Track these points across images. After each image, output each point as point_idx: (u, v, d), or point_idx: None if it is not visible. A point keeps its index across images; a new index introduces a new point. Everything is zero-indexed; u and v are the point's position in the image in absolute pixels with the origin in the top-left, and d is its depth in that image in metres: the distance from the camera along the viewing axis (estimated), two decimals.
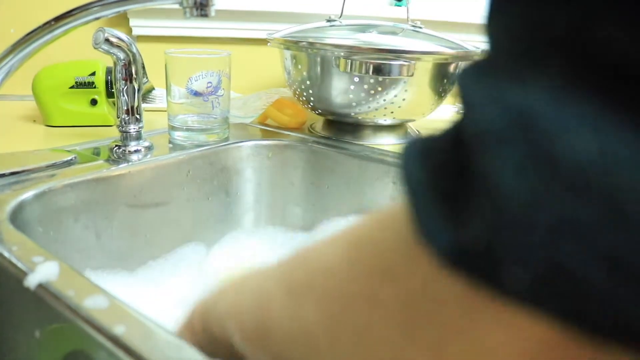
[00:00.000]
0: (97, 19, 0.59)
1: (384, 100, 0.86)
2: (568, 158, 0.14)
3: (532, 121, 0.15)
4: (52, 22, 0.58)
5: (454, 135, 0.18)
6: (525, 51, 0.16)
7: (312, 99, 0.91)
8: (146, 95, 1.07)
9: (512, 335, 0.17)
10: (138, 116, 0.74)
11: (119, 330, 0.35)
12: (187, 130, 0.83)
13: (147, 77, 1.00)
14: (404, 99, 0.87)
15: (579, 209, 0.14)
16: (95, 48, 0.68)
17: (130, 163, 0.73)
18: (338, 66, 0.83)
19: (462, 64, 0.94)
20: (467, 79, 0.18)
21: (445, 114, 1.19)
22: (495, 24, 0.19)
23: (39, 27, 0.59)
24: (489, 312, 0.17)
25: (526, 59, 0.16)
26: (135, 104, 0.73)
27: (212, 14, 0.55)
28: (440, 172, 0.18)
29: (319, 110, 0.93)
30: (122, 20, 1.15)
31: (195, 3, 0.54)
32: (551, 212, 0.14)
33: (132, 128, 0.74)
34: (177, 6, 0.56)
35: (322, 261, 0.26)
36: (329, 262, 0.26)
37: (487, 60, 0.19)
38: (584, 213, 0.14)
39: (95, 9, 0.59)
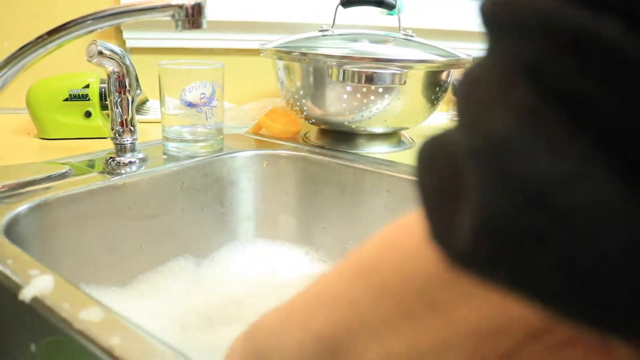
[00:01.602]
0: (90, 32, 0.60)
1: (377, 108, 0.86)
2: (529, 178, 0.17)
3: (503, 144, 0.18)
4: (46, 36, 0.59)
5: (450, 148, 0.21)
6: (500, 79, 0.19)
7: (305, 108, 0.91)
8: (140, 107, 1.07)
9: (488, 310, 0.21)
10: (132, 128, 0.74)
11: (114, 342, 0.35)
12: (181, 141, 0.83)
13: (140, 89, 1.00)
14: (396, 107, 0.87)
15: (538, 220, 0.17)
16: (89, 61, 0.68)
17: (124, 175, 0.73)
18: (331, 76, 0.84)
19: (454, 72, 0.95)
20: (460, 97, 0.21)
21: (438, 121, 1.20)
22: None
23: (33, 41, 0.59)
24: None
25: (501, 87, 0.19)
26: (129, 116, 0.73)
27: (204, 26, 0.55)
28: (443, 182, 0.21)
29: (313, 120, 0.93)
30: (116, 33, 1.15)
31: (187, 15, 0.55)
32: (516, 221, 0.17)
33: (127, 140, 0.74)
34: (169, 19, 0.56)
35: (342, 298, 0.27)
36: (349, 297, 0.26)
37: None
38: (541, 224, 0.17)
39: (88, 22, 0.59)
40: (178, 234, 0.79)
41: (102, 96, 0.92)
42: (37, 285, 0.42)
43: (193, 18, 0.55)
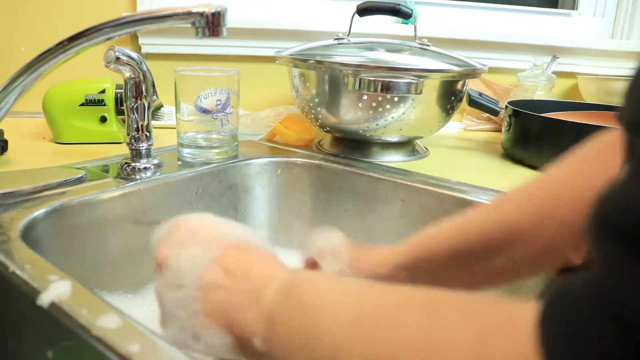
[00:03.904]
0: (109, 39, 0.60)
1: (392, 117, 0.86)
2: None
3: None
4: (66, 43, 0.59)
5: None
6: None
7: (320, 116, 0.91)
8: (155, 112, 1.07)
9: None
10: (148, 134, 0.75)
11: (133, 349, 0.35)
12: (196, 147, 0.84)
13: (156, 95, 1.01)
14: (412, 116, 0.87)
15: None
16: (106, 67, 0.69)
17: (139, 180, 0.73)
18: (346, 84, 0.83)
19: (469, 81, 0.95)
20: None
21: (452, 130, 1.20)
22: None
23: (52, 47, 0.60)
24: None
25: None
26: (145, 122, 0.74)
27: (224, 34, 0.55)
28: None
29: (327, 128, 0.93)
30: (132, 39, 1.16)
31: (207, 23, 0.55)
32: None
33: (142, 146, 0.75)
34: (189, 26, 0.56)
35: None
36: None
37: None
38: None
39: (107, 29, 0.59)
40: None
41: (118, 101, 0.92)
42: (55, 290, 0.42)
43: (213, 26, 0.55)
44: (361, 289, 0.34)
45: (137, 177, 0.74)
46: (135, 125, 0.73)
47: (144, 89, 0.72)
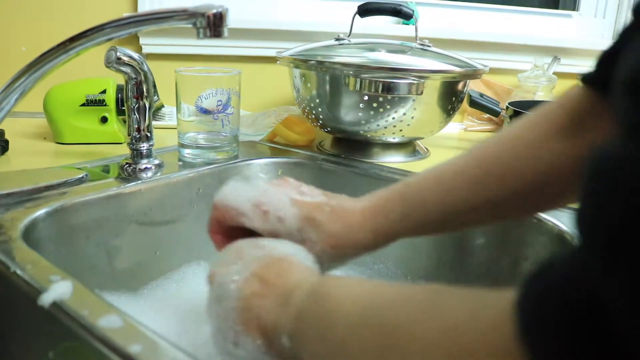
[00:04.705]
0: (110, 39, 0.60)
1: (393, 118, 0.86)
2: None
3: None
4: (67, 43, 0.59)
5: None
6: None
7: (321, 116, 0.91)
8: (155, 113, 1.07)
9: None
10: (149, 134, 0.75)
11: (134, 349, 0.35)
12: (197, 147, 0.84)
13: (157, 95, 1.01)
14: (412, 117, 0.87)
15: None
16: (107, 67, 0.69)
17: (141, 181, 0.73)
18: (347, 84, 0.84)
19: (470, 82, 0.95)
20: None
21: (453, 131, 1.20)
22: None
23: (54, 48, 0.60)
24: None
25: None
26: (146, 123, 0.74)
27: (225, 34, 0.55)
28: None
29: (328, 128, 0.93)
30: (132, 39, 1.16)
31: (208, 24, 0.55)
32: None
33: (143, 146, 0.75)
34: (190, 26, 0.56)
35: None
36: None
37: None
38: None
39: (108, 30, 0.59)
40: (192, 240, 0.79)
41: (119, 102, 0.92)
42: (56, 291, 0.42)
43: (214, 26, 0.55)
44: (376, 287, 0.35)
45: (138, 177, 0.74)
46: (136, 126, 0.74)
47: (144, 89, 0.72)
